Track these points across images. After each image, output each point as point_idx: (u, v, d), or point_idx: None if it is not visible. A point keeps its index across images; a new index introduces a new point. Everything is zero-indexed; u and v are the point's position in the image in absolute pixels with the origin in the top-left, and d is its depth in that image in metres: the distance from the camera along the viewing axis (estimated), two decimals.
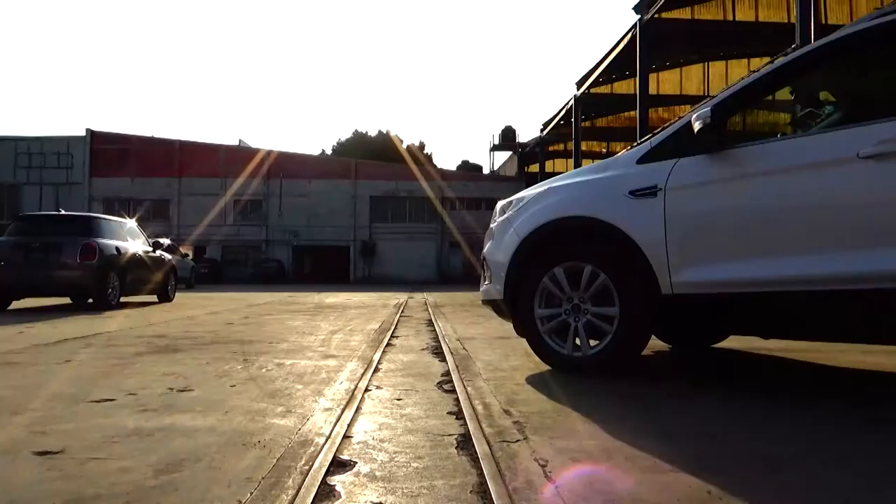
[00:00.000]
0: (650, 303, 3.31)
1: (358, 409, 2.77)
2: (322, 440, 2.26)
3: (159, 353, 4.60)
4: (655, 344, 4.77)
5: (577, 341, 3.55)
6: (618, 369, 3.47)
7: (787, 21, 16.66)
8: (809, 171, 2.96)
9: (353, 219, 41.08)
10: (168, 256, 12.72)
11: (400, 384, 3.37)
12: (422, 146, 63.09)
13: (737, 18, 18.52)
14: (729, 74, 22.48)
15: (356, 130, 62.03)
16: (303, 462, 2.00)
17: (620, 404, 2.88)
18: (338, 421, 2.53)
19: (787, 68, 3.34)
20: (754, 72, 3.45)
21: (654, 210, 3.30)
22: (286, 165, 40.92)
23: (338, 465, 2.00)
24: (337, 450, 2.15)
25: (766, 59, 17.49)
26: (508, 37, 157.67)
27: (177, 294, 13.59)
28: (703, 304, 3.19)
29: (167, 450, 2.13)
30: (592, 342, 3.52)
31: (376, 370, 3.82)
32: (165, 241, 18.28)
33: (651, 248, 3.28)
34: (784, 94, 4.18)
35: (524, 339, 3.85)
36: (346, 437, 2.32)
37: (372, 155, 48.23)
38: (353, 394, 3.07)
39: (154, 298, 12.18)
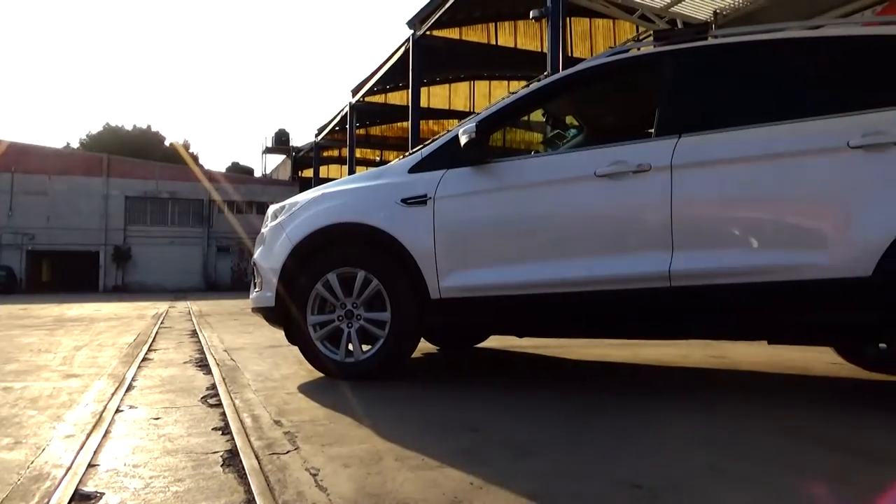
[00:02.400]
0: (420, 307, 3.45)
1: (107, 432, 2.48)
2: (61, 472, 1.98)
3: None
4: (424, 346, 4.97)
5: (351, 347, 3.56)
6: (390, 372, 3.55)
7: (540, 50, 18.51)
8: (556, 186, 3.31)
9: (104, 221, 36.85)
10: None
11: (158, 402, 3.08)
12: (187, 145, 58.85)
13: (499, 43, 20.16)
14: (492, 94, 24.34)
15: (108, 124, 55.70)
16: (35, 500, 1.74)
17: (392, 406, 2.95)
18: (81, 448, 2.24)
19: (539, 93, 3.71)
20: (513, 93, 3.78)
21: (424, 218, 3.44)
22: (20, 158, 35.42)
23: (81, 499, 1.77)
24: (80, 482, 1.89)
25: (524, 83, 19.28)
26: (284, 36, 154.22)
27: None
28: (468, 307, 3.40)
29: None
30: (365, 347, 3.56)
31: (130, 388, 3.46)
32: None
33: (421, 254, 3.41)
34: (538, 115, 4.65)
35: (296, 347, 3.76)
36: (91, 465, 2.06)
37: (129, 151, 43.71)
38: (100, 416, 2.74)
39: None
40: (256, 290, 3.97)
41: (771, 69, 3.29)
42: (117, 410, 2.87)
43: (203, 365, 4.35)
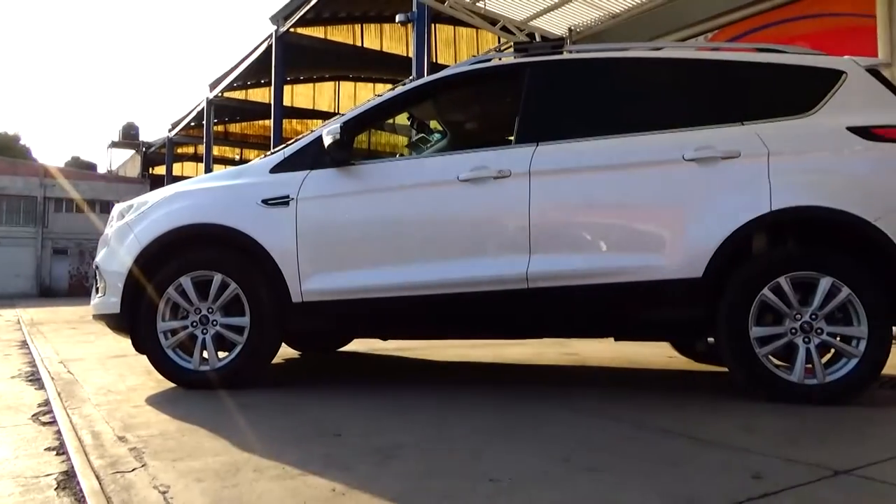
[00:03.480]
0: (281, 311, 3.35)
1: None
2: None
3: None
4: (285, 351, 4.84)
5: (206, 354, 3.38)
6: (248, 380, 3.40)
7: (406, 54, 18.69)
8: (420, 190, 3.35)
9: None
10: None
11: None
12: (17, 137, 53.10)
13: (365, 45, 20.12)
14: (357, 95, 24.24)
15: None
16: None
17: (251, 415, 2.83)
18: None
19: (404, 96, 3.74)
20: (378, 96, 3.78)
21: (286, 219, 3.35)
22: None
23: None
24: None
25: (389, 86, 19.38)
26: (134, 21, 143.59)
27: None
28: (331, 310, 3.35)
29: None
30: (222, 354, 3.40)
31: None
32: None
33: (282, 256, 3.32)
34: (403, 119, 4.68)
35: (145, 356, 3.51)
36: None
37: None
38: None
39: None
40: (99, 295, 3.66)
41: (619, 85, 3.55)
42: None
43: (35, 379, 3.94)
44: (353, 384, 3.74)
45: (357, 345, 5.30)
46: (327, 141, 3.30)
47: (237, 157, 31.32)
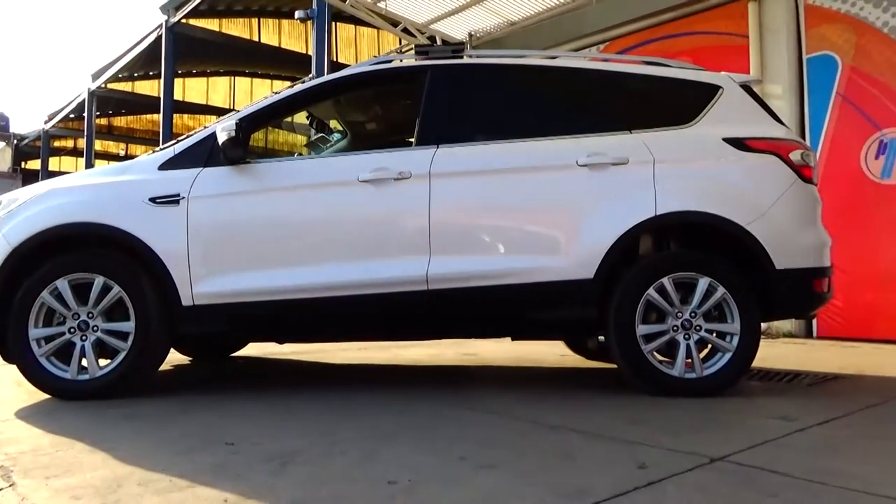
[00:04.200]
0: (170, 315, 3.19)
1: None
2: None
3: None
4: (175, 357, 4.61)
5: (85, 362, 3.16)
6: (133, 388, 3.21)
7: (305, 52, 18.32)
8: (319, 190, 3.30)
9: None
10: None
11: None
12: None
13: (262, 40, 19.53)
14: (254, 92, 23.47)
15: None
16: None
17: (135, 426, 2.68)
18: None
19: (303, 95, 3.67)
20: (276, 93, 3.69)
21: (176, 219, 3.19)
22: None
23: None
24: None
25: (288, 84, 18.90)
26: (5, 3, 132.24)
27: None
28: (224, 314, 3.22)
29: None
30: (103, 362, 3.19)
31: None
32: None
33: (172, 258, 3.16)
34: (301, 117, 4.59)
35: (14, 366, 3.23)
36: None
37: None
38: None
39: None
40: None
41: (516, 90, 3.64)
42: None
43: None
44: (247, 390, 3.61)
45: (251, 349, 5.14)
46: (222, 138, 3.18)
47: (122, 153, 29.51)
